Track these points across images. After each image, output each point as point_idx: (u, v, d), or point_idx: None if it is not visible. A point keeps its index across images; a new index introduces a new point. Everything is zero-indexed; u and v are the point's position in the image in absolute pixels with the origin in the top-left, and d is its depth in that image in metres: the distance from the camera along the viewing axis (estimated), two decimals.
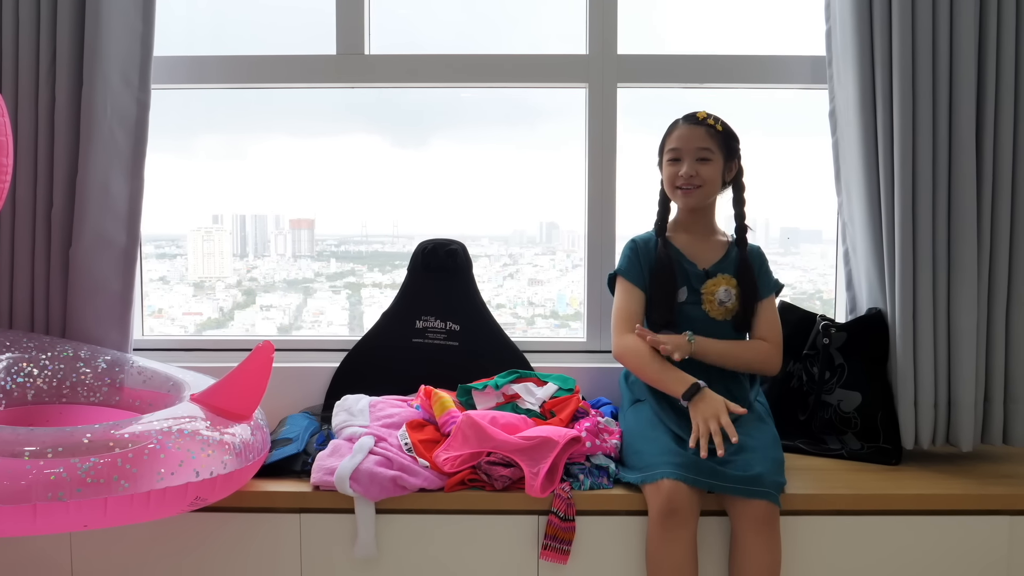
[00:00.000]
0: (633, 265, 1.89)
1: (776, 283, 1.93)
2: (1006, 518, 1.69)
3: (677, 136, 1.85)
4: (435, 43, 2.26)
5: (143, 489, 1.35)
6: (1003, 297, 1.87)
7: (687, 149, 1.83)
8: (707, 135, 1.82)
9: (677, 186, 1.85)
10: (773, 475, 1.61)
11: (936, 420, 1.87)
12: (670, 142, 1.87)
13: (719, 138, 1.83)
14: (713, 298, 1.85)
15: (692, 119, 1.85)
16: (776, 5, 2.30)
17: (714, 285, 1.86)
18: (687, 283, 1.87)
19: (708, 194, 1.86)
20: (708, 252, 1.90)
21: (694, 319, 1.85)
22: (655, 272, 1.86)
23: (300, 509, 1.68)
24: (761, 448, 1.66)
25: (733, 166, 1.87)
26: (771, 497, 1.57)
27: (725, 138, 1.85)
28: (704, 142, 1.82)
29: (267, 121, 2.39)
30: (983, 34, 1.82)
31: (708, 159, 1.82)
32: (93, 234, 1.95)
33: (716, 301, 1.85)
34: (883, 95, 1.83)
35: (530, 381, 1.93)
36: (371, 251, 2.53)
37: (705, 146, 1.82)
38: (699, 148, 1.82)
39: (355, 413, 1.86)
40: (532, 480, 1.62)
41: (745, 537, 1.59)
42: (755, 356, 1.85)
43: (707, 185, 1.83)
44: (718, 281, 1.86)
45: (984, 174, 1.83)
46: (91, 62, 1.91)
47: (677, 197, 1.87)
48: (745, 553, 1.59)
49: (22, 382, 1.76)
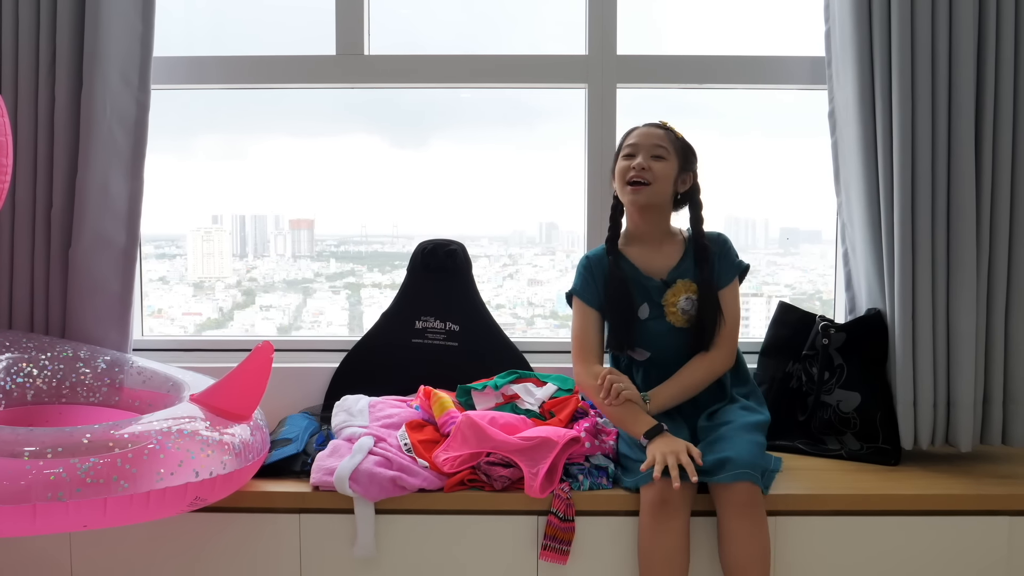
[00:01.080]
0: (588, 284, 1.83)
1: (739, 265, 1.85)
2: (1005, 519, 1.69)
3: (635, 135, 1.81)
4: (435, 43, 2.26)
5: (143, 489, 1.35)
6: (1002, 297, 1.87)
7: (643, 145, 1.77)
8: (665, 137, 1.78)
9: (628, 181, 1.76)
10: (750, 457, 1.58)
11: (935, 421, 1.87)
12: (627, 140, 1.81)
13: (676, 144, 1.79)
14: (675, 308, 1.80)
15: (652, 123, 1.82)
16: (775, 6, 2.30)
17: (674, 295, 1.80)
18: (647, 299, 1.81)
19: (657, 193, 1.77)
20: (664, 259, 1.83)
21: (658, 333, 1.80)
22: (609, 294, 1.80)
23: (299, 509, 1.68)
24: (735, 432, 1.64)
25: (688, 178, 1.82)
26: (750, 478, 1.55)
27: (682, 148, 1.80)
28: (661, 141, 1.77)
29: (267, 121, 2.39)
30: (982, 34, 1.82)
31: (663, 157, 1.76)
32: (93, 234, 1.95)
33: (679, 311, 1.80)
34: (882, 96, 1.83)
35: (529, 381, 1.93)
36: (371, 251, 2.54)
37: (661, 144, 1.77)
38: (655, 145, 1.77)
39: (354, 413, 1.86)
40: (531, 480, 1.62)
41: (728, 524, 1.57)
42: (708, 374, 1.79)
43: (658, 183, 1.75)
44: (677, 290, 1.80)
45: (983, 174, 1.83)
46: (91, 62, 1.91)
47: (626, 194, 1.78)
48: (730, 539, 1.57)
49: (22, 382, 1.76)
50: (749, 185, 1.87)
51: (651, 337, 1.81)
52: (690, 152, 1.83)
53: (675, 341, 1.80)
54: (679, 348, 1.80)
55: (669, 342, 1.81)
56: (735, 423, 1.69)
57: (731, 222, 2.36)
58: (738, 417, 1.72)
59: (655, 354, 1.82)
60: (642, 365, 1.84)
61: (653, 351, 1.82)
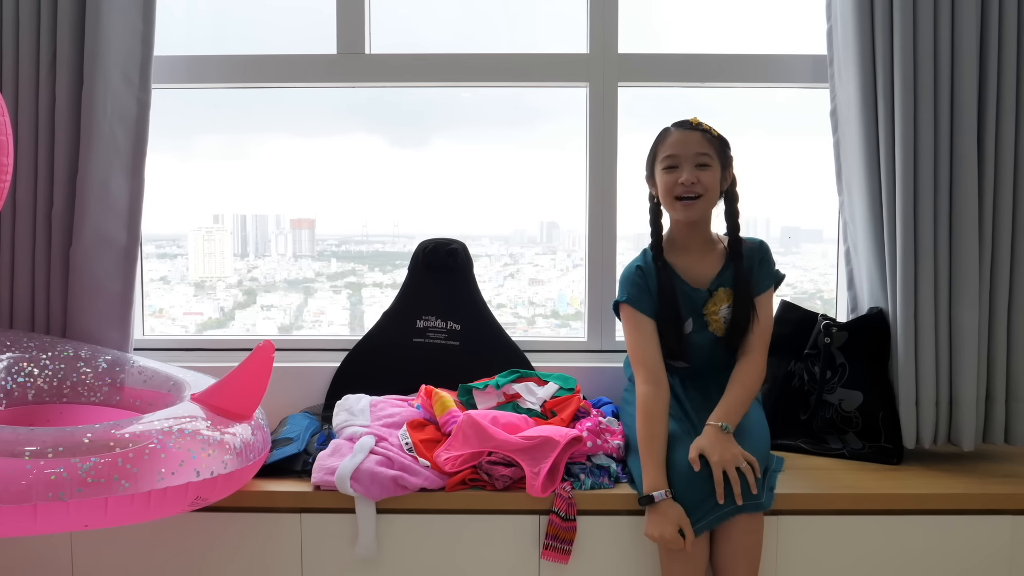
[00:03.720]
0: (642, 292, 1.74)
1: (776, 274, 1.81)
2: (1008, 517, 1.69)
3: (672, 142, 1.71)
4: (435, 42, 2.26)
5: (144, 489, 1.35)
6: (1005, 295, 1.86)
7: (685, 155, 1.69)
8: (704, 140, 1.70)
9: (676, 196, 1.69)
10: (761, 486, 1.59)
11: (937, 419, 1.86)
12: (664, 149, 1.72)
13: (716, 144, 1.71)
14: (718, 317, 1.76)
15: (686, 124, 1.73)
16: (777, 4, 2.29)
17: (715, 306, 1.76)
18: (692, 311, 1.77)
19: (709, 204, 1.72)
20: (707, 269, 1.78)
21: (702, 344, 1.78)
22: (660, 304, 1.74)
23: (301, 509, 1.68)
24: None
25: (728, 175, 1.75)
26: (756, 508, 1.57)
27: (720, 145, 1.73)
28: (702, 147, 1.69)
29: (268, 121, 2.39)
30: (985, 32, 1.82)
31: (708, 165, 1.69)
32: (93, 233, 1.95)
33: (721, 320, 1.76)
34: (884, 94, 1.83)
35: (531, 381, 1.93)
36: (372, 251, 2.53)
37: (704, 151, 1.69)
38: (698, 153, 1.68)
39: (356, 413, 1.86)
40: (533, 480, 1.62)
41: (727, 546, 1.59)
42: (754, 385, 1.73)
43: (708, 193, 1.70)
44: (719, 299, 1.76)
45: (986, 172, 1.83)
46: (91, 61, 1.91)
47: (677, 210, 1.72)
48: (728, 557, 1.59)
49: (23, 382, 1.76)
50: (751, 184, 1.86)
51: (694, 349, 1.78)
52: (726, 146, 1.75)
53: (714, 350, 1.79)
54: (715, 356, 1.79)
55: (708, 351, 1.79)
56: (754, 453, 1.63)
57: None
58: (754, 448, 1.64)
59: (694, 363, 1.81)
60: (678, 372, 1.82)
61: (693, 361, 1.80)
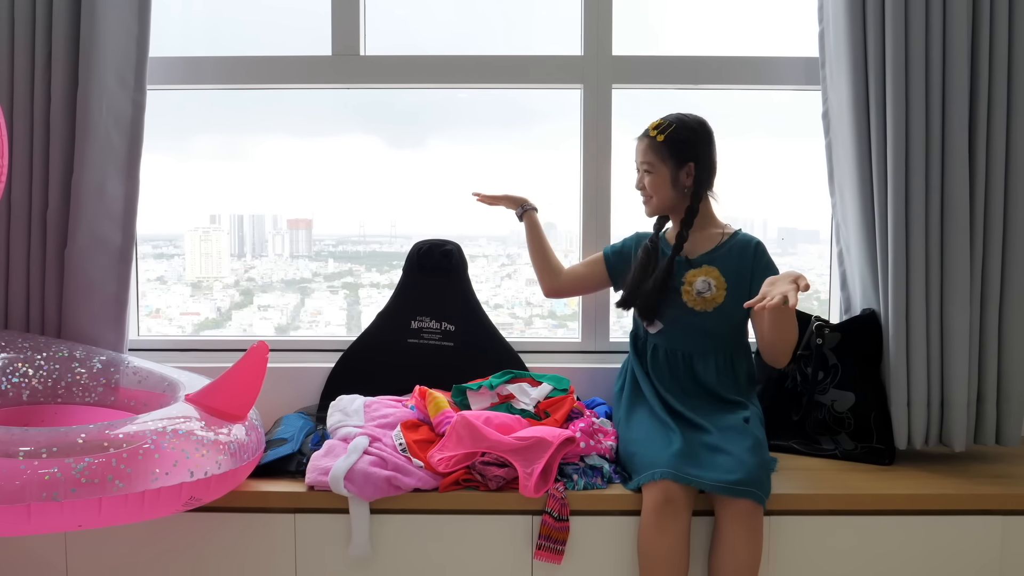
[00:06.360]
0: (625, 246, 2.01)
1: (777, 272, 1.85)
2: (999, 518, 1.70)
3: (635, 149, 1.94)
4: (431, 44, 2.26)
5: (138, 489, 1.35)
6: (996, 297, 1.87)
7: (638, 162, 1.93)
8: (648, 148, 1.88)
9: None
10: (758, 477, 1.60)
11: (929, 420, 1.87)
12: None
13: (659, 149, 1.86)
14: (691, 288, 1.86)
15: (643, 133, 1.91)
16: (770, 7, 2.30)
17: (694, 275, 1.86)
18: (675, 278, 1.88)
19: (661, 202, 1.90)
20: (700, 243, 1.90)
21: (673, 307, 1.87)
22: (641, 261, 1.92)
23: (295, 509, 1.68)
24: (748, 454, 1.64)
25: (690, 169, 1.86)
26: (756, 497, 1.58)
27: (671, 146, 1.86)
28: (645, 156, 1.89)
29: (264, 121, 2.39)
30: (976, 35, 1.82)
31: (650, 171, 1.88)
32: (88, 234, 1.96)
33: (694, 291, 1.86)
34: (876, 96, 1.84)
35: (525, 381, 1.93)
36: (369, 251, 2.54)
37: (646, 160, 1.89)
38: (642, 162, 1.90)
39: (350, 413, 1.86)
40: (526, 480, 1.63)
41: (728, 527, 1.60)
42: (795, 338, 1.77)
43: (656, 194, 1.89)
44: (699, 272, 1.87)
45: (977, 174, 1.84)
46: (87, 63, 1.91)
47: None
48: (726, 541, 1.60)
49: (17, 382, 1.76)
50: (746, 185, 1.88)
51: (667, 311, 1.88)
52: (683, 145, 1.86)
53: (685, 323, 1.86)
54: (688, 329, 1.86)
55: (678, 322, 1.87)
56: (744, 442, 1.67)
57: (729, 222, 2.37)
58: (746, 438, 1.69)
59: (667, 329, 1.89)
60: (652, 340, 1.93)
61: (666, 326, 1.90)
